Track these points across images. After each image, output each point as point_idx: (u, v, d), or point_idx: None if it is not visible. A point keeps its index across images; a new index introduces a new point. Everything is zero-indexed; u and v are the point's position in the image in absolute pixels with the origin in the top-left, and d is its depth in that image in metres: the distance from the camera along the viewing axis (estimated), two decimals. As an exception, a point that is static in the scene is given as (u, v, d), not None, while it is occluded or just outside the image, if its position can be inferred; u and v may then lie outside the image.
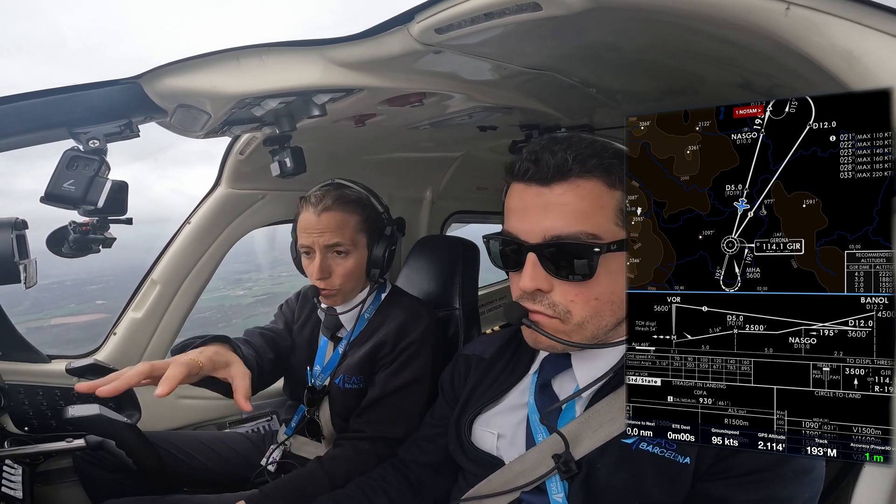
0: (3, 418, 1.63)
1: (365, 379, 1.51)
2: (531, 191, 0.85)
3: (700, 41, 0.91)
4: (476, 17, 0.88)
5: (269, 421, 2.04)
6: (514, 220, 0.88)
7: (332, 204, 1.47)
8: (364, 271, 1.54)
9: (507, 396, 1.02)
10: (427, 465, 1.15)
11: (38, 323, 2.19)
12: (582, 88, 1.37)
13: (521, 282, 0.85)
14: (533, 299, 0.86)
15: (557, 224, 0.82)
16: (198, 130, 1.27)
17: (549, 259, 0.83)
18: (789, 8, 0.65)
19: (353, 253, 1.50)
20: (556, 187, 0.83)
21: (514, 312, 0.88)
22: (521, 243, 0.86)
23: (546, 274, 0.84)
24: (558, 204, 0.83)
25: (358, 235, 1.51)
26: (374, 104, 1.31)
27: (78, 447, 1.42)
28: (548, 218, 0.83)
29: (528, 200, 0.86)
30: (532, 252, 0.84)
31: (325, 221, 1.46)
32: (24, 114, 1.00)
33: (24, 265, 1.15)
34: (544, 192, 0.84)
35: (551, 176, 0.83)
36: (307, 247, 1.49)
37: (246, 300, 9.52)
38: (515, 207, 0.88)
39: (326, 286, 1.49)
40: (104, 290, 10.87)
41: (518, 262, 0.87)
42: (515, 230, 0.87)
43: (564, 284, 0.84)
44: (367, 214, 1.53)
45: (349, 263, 1.50)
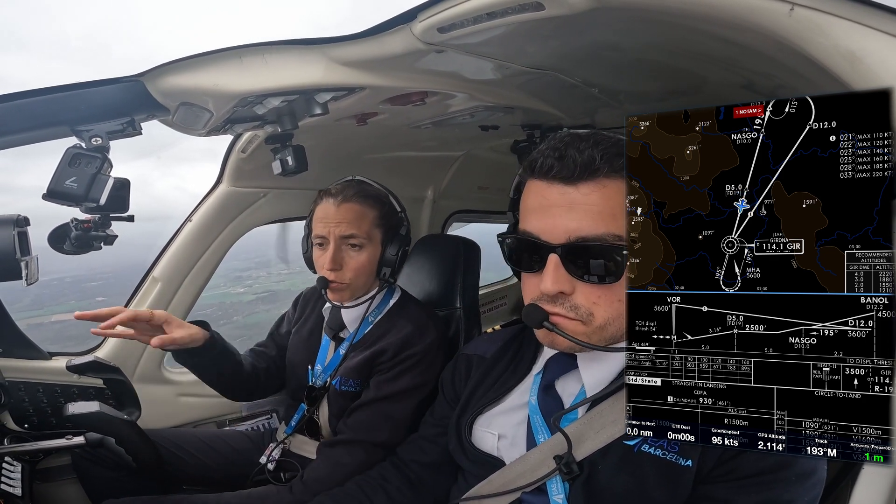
0: (2, 415, 1.63)
1: (362, 383, 1.50)
2: (554, 189, 0.82)
3: (703, 41, 0.91)
4: (478, 16, 0.88)
5: (268, 419, 2.04)
6: (534, 219, 0.84)
7: (352, 195, 1.48)
8: (375, 269, 1.53)
9: (509, 397, 1.01)
10: (427, 464, 1.14)
11: (39, 319, 2.20)
12: (584, 88, 1.37)
13: (542, 284, 0.82)
14: (553, 301, 0.83)
15: (583, 225, 0.79)
16: (200, 128, 1.27)
17: (573, 261, 0.80)
18: (793, 8, 0.65)
19: (366, 247, 1.49)
20: (583, 186, 0.80)
21: (534, 316, 0.84)
22: (542, 244, 0.82)
23: (569, 276, 0.81)
24: (585, 204, 0.80)
25: (374, 230, 1.50)
26: (376, 103, 1.32)
27: (78, 444, 1.42)
28: (573, 218, 0.80)
29: (551, 199, 0.82)
30: (555, 253, 0.81)
31: (343, 212, 1.46)
32: (27, 111, 1.01)
33: (25, 262, 1.15)
34: (569, 191, 0.81)
35: (578, 174, 0.80)
36: (322, 237, 1.48)
37: (247, 297, 9.54)
38: (536, 206, 0.84)
39: (336, 279, 1.48)
40: (104, 287, 10.86)
41: (538, 264, 0.84)
42: (536, 230, 0.83)
43: (587, 286, 0.81)
44: (386, 211, 1.53)
45: (362, 258, 1.49)
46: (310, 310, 1.72)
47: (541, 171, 0.83)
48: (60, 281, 3.49)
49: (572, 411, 0.90)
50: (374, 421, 1.43)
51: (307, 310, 1.73)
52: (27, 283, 1.18)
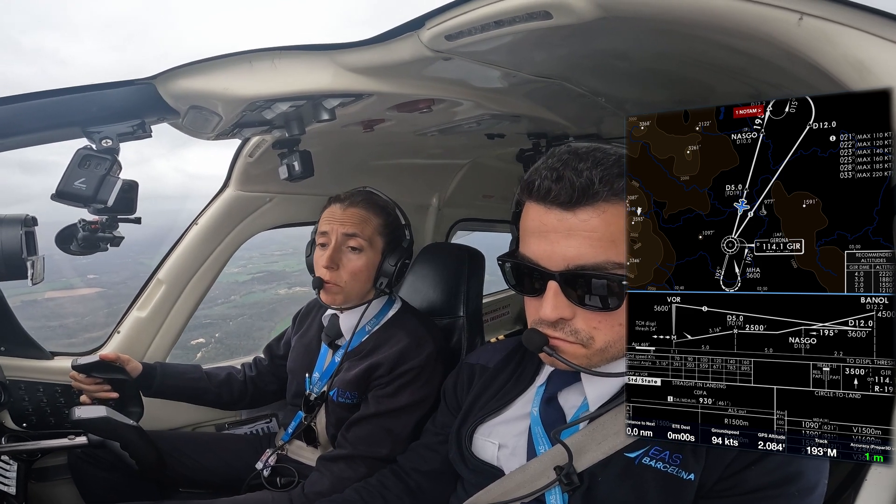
0: (2, 414, 1.63)
1: (358, 395, 1.50)
2: (552, 214, 0.79)
3: (711, 51, 0.91)
4: (486, 24, 0.89)
5: (268, 423, 2.04)
6: (532, 244, 0.82)
7: (359, 201, 1.51)
8: (372, 276, 1.52)
9: (511, 407, 1.01)
10: (427, 472, 1.14)
11: (32, 296, 2.21)
12: (591, 97, 1.38)
13: (541, 310, 0.80)
14: (554, 326, 0.82)
15: (582, 252, 0.77)
16: (209, 132, 1.28)
17: (573, 288, 0.79)
18: (802, 18, 0.65)
19: (366, 252, 1.50)
20: (581, 212, 0.77)
21: (534, 340, 0.83)
22: (541, 270, 0.80)
23: (568, 302, 0.79)
24: (583, 230, 0.77)
25: (376, 237, 1.51)
26: (383, 109, 1.33)
27: (80, 444, 1.42)
28: (571, 246, 0.77)
29: (549, 225, 0.79)
30: (554, 280, 0.79)
31: (349, 214, 1.49)
32: (40, 112, 1.02)
33: (31, 261, 1.16)
34: (567, 217, 0.78)
35: (576, 199, 0.77)
36: (325, 234, 1.49)
37: (242, 277, 9.53)
38: (534, 230, 0.82)
39: (332, 279, 1.48)
40: (93, 265, 10.75)
41: (537, 288, 0.82)
42: (535, 255, 0.81)
43: (587, 312, 0.80)
44: (390, 220, 1.54)
45: (360, 262, 1.49)
46: (311, 319, 1.73)
47: (538, 195, 0.80)
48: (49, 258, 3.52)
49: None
50: (375, 436, 1.42)
51: (308, 320, 1.74)
52: (33, 282, 1.19)
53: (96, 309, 7.42)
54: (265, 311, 7.64)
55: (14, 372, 1.65)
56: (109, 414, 1.27)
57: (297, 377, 1.65)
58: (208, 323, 5.80)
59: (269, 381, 1.80)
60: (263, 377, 1.80)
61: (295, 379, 1.67)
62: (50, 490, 1.70)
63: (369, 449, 1.41)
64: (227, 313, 7.44)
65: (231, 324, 6.95)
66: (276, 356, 1.81)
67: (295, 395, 1.66)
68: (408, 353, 1.45)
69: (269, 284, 8.39)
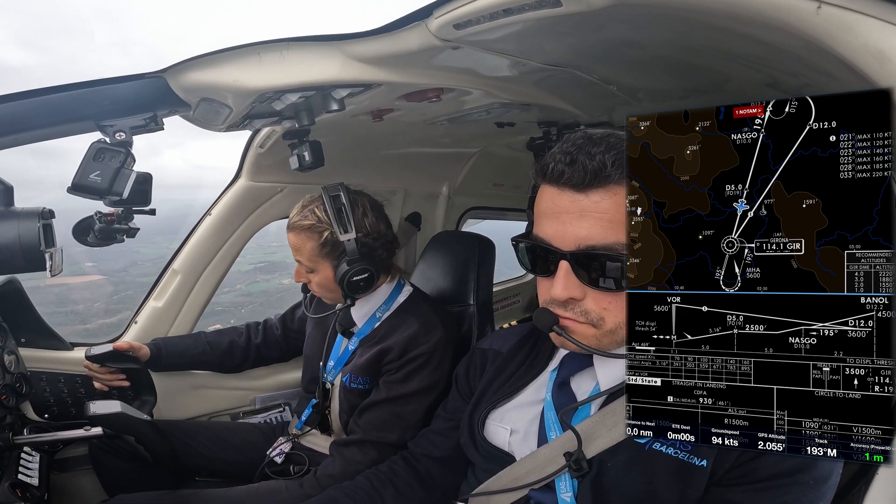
0: (24, 405, 1.66)
1: (370, 381, 1.52)
2: (565, 196, 0.81)
3: (726, 39, 0.89)
4: (495, 12, 0.88)
5: (281, 412, 2.08)
6: (545, 225, 0.84)
7: (291, 225, 1.52)
8: (335, 285, 1.52)
9: (524, 392, 1.02)
10: (437, 458, 1.15)
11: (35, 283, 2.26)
12: (602, 86, 1.35)
13: (552, 290, 0.82)
14: (564, 306, 0.83)
15: (593, 233, 0.78)
16: (219, 124, 1.29)
17: (583, 268, 0.80)
18: (821, 6, 0.63)
19: (316, 271, 1.53)
20: (593, 194, 0.78)
21: (544, 319, 0.84)
22: (553, 250, 0.82)
23: (579, 282, 0.81)
24: (595, 212, 0.78)
25: (315, 258, 1.50)
26: (392, 99, 1.32)
27: (96, 435, 1.45)
28: (583, 226, 0.79)
29: (562, 206, 0.81)
30: (565, 260, 0.80)
31: (290, 239, 1.52)
32: (53, 106, 1.03)
33: (49, 253, 1.18)
34: (579, 199, 0.79)
35: (588, 181, 0.78)
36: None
37: (244, 267, 9.62)
38: (547, 212, 0.84)
39: (311, 288, 1.57)
40: (88, 255, 10.92)
41: (549, 269, 0.84)
42: (547, 236, 0.83)
43: (598, 292, 0.81)
44: (324, 240, 1.48)
45: (317, 279, 1.54)
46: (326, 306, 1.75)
47: (552, 177, 0.82)
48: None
49: (585, 406, 0.90)
50: (386, 421, 1.45)
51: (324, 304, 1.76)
52: (51, 274, 1.21)
53: (105, 295, 7.58)
54: (274, 300, 7.76)
55: (35, 363, 1.69)
56: (124, 409, 1.30)
57: (313, 364, 1.68)
58: (221, 310, 5.91)
59: (274, 349, 1.87)
60: (269, 345, 1.86)
61: (310, 366, 1.69)
62: (71, 481, 1.74)
63: (380, 434, 1.44)
64: (236, 301, 7.55)
65: (243, 311, 7.07)
66: (290, 329, 1.87)
67: (310, 382, 1.68)
68: (417, 338, 1.47)
69: (271, 274, 8.47)
